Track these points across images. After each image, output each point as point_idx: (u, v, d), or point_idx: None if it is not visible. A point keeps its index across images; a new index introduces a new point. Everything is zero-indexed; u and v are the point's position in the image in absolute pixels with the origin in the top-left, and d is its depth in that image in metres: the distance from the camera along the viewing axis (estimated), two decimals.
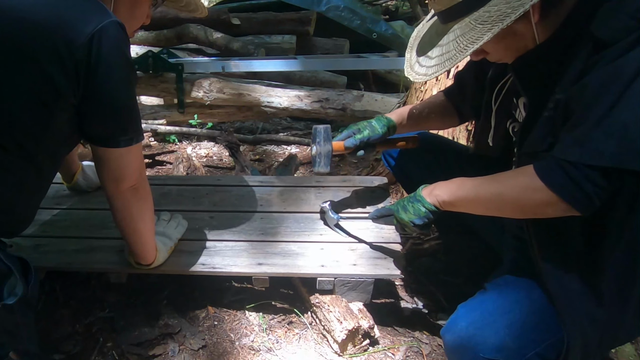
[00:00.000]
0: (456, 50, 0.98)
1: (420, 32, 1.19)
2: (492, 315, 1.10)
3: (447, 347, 1.16)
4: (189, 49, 3.43)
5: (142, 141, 1.20)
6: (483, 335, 1.08)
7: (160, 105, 3.03)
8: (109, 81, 1.08)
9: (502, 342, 1.06)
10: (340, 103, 2.64)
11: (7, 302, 1.02)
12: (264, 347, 1.51)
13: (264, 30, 3.47)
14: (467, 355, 1.09)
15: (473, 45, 0.95)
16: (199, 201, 1.82)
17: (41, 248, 1.56)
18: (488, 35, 0.93)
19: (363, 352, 1.49)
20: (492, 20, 0.93)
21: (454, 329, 1.14)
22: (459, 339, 1.11)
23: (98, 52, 1.03)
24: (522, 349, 1.06)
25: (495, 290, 1.17)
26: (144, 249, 1.40)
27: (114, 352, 1.48)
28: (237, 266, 1.50)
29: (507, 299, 1.14)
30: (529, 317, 1.09)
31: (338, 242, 1.60)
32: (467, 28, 0.97)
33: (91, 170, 1.81)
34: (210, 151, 2.92)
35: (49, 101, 1.05)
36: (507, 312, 1.10)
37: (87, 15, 1.04)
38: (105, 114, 1.12)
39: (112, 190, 1.22)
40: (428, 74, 1.06)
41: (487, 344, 1.07)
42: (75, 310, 1.61)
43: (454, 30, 1.00)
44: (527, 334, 1.08)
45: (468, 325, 1.11)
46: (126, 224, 1.30)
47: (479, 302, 1.16)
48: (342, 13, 3.53)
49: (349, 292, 1.51)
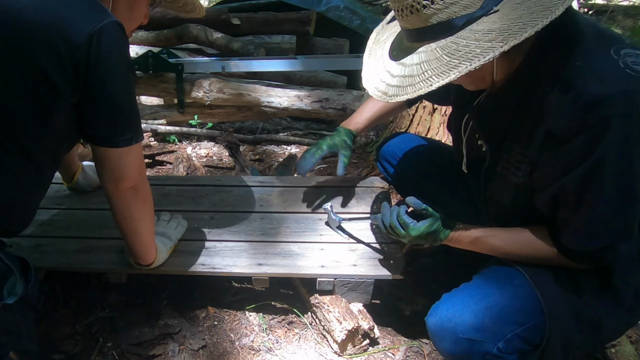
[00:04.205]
0: (420, 79, 0.96)
1: (380, 35, 1.17)
2: (472, 298, 1.16)
3: (430, 331, 1.20)
4: (189, 49, 3.42)
5: (141, 141, 1.20)
6: (462, 316, 1.13)
7: (160, 105, 3.03)
8: (108, 81, 1.08)
9: (481, 323, 1.11)
10: (340, 103, 2.64)
11: (7, 302, 1.02)
12: (264, 347, 1.51)
13: (264, 30, 3.46)
14: (448, 336, 1.14)
15: (439, 80, 0.93)
16: (199, 201, 1.82)
17: (41, 248, 1.56)
18: (455, 72, 0.91)
19: (363, 352, 1.49)
20: (460, 57, 0.91)
21: (435, 312, 1.19)
22: (439, 321, 1.16)
23: (97, 52, 1.03)
24: (501, 330, 1.11)
25: (480, 278, 1.23)
26: (144, 250, 1.40)
27: (114, 352, 1.48)
28: (237, 266, 1.50)
29: (489, 285, 1.19)
30: (509, 301, 1.13)
31: (338, 242, 1.60)
32: (433, 56, 0.94)
33: (91, 170, 1.81)
34: (210, 151, 2.92)
35: (47, 100, 1.05)
36: (488, 296, 1.15)
37: (87, 15, 1.05)
38: (105, 113, 1.12)
39: (112, 190, 1.22)
40: (388, 95, 1.03)
41: (466, 324, 1.12)
42: (75, 310, 1.61)
43: (419, 52, 0.98)
44: (506, 316, 1.12)
45: (448, 308, 1.17)
46: (126, 224, 1.30)
47: (461, 289, 1.21)
48: (342, 13, 3.53)
49: (348, 292, 1.51)
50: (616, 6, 5.63)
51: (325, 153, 1.60)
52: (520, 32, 0.87)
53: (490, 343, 1.11)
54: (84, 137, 1.19)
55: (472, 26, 0.91)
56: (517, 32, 0.87)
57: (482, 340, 1.11)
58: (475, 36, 0.90)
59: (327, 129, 3.22)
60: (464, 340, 1.11)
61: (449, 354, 1.17)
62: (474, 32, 0.91)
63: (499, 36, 0.88)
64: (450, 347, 1.15)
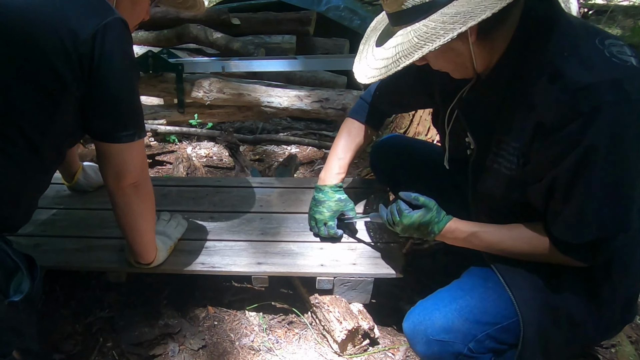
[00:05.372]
0: (392, 60, 0.99)
1: (379, 24, 1.19)
2: (442, 301, 1.20)
3: (405, 334, 1.24)
4: (189, 49, 3.42)
5: (144, 137, 1.21)
6: (432, 318, 1.17)
7: (160, 105, 3.03)
8: (112, 76, 1.09)
9: (450, 324, 1.14)
10: (340, 103, 2.64)
11: (13, 299, 1.02)
12: (264, 347, 1.51)
13: (264, 30, 3.46)
14: (420, 338, 1.18)
15: (405, 60, 0.96)
16: (199, 202, 1.82)
17: (40, 247, 1.56)
18: (418, 53, 0.94)
19: (363, 352, 1.49)
20: (426, 38, 0.93)
21: (409, 316, 1.23)
22: (412, 324, 1.20)
23: (102, 47, 1.05)
24: (472, 330, 1.13)
25: (456, 281, 1.26)
26: (144, 248, 1.40)
27: (114, 352, 1.48)
28: (237, 265, 1.50)
29: (462, 287, 1.22)
30: (480, 302, 1.16)
31: (338, 242, 1.60)
32: (407, 38, 0.97)
33: (92, 170, 1.81)
34: (210, 151, 2.92)
35: (55, 93, 1.06)
36: (458, 298, 1.18)
37: (92, 11, 1.06)
38: (107, 108, 1.13)
39: (113, 187, 1.22)
40: (367, 76, 1.06)
41: (436, 326, 1.15)
42: (75, 310, 1.61)
43: (397, 36, 1.00)
44: (476, 317, 1.14)
45: (420, 312, 1.21)
46: (126, 221, 1.30)
47: (435, 293, 1.25)
48: (342, 13, 3.53)
49: (348, 291, 1.51)
50: (616, 6, 5.63)
51: (334, 223, 1.56)
52: (480, 14, 0.88)
53: (461, 344, 1.13)
54: (87, 133, 1.19)
55: (443, 10, 0.93)
56: (478, 15, 0.88)
57: (453, 341, 1.13)
58: (443, 19, 0.92)
59: (327, 129, 3.22)
60: (435, 342, 1.14)
61: (423, 355, 1.21)
62: (444, 15, 0.93)
63: (462, 18, 0.90)
64: (423, 348, 1.18)
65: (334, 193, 1.55)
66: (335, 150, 1.58)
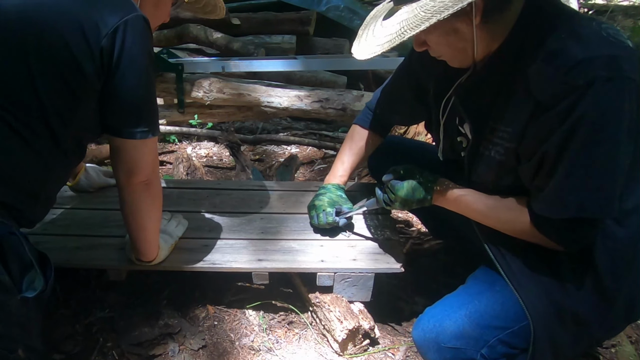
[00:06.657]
0: (396, 34, 0.99)
1: (378, 12, 1.20)
2: (452, 307, 1.17)
3: (415, 343, 1.22)
4: (189, 49, 3.43)
5: (157, 136, 1.22)
6: (442, 325, 1.14)
7: (161, 105, 3.03)
8: (130, 72, 1.11)
9: (461, 330, 1.12)
10: (340, 103, 2.64)
11: (26, 295, 1.02)
12: (264, 347, 1.51)
13: (264, 30, 3.47)
14: (431, 346, 1.16)
15: (411, 31, 0.95)
16: (199, 203, 1.82)
17: (41, 245, 1.53)
18: (425, 24, 0.93)
19: (363, 352, 1.49)
20: (434, 11, 0.93)
21: (419, 324, 1.21)
22: (422, 332, 1.18)
23: (122, 42, 1.07)
24: (483, 336, 1.11)
25: (462, 287, 1.24)
26: (147, 246, 1.40)
27: (114, 352, 1.48)
28: (237, 262, 1.51)
29: (469, 292, 1.21)
30: (489, 307, 1.14)
31: (338, 239, 1.61)
32: (412, 13, 0.97)
33: (94, 171, 1.82)
34: (210, 151, 2.92)
35: (76, 85, 1.08)
36: (467, 304, 1.16)
37: (115, 7, 1.09)
38: (124, 103, 1.14)
39: (124, 183, 1.23)
40: (369, 52, 1.06)
41: (447, 333, 1.13)
42: (75, 310, 1.61)
43: (402, 13, 1.00)
44: (486, 322, 1.12)
45: (429, 319, 1.18)
46: (133, 218, 1.31)
47: (442, 300, 1.23)
48: (342, 13, 3.53)
49: (349, 287, 1.51)
50: (616, 6, 5.63)
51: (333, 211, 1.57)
52: None
53: (473, 350, 1.11)
54: (102, 128, 1.20)
55: None
56: None
57: (465, 347, 1.11)
58: None
59: (327, 129, 3.22)
60: (447, 349, 1.12)
61: None
62: None
63: None
64: (435, 356, 1.16)
65: (336, 190, 1.61)
66: (339, 156, 1.67)
